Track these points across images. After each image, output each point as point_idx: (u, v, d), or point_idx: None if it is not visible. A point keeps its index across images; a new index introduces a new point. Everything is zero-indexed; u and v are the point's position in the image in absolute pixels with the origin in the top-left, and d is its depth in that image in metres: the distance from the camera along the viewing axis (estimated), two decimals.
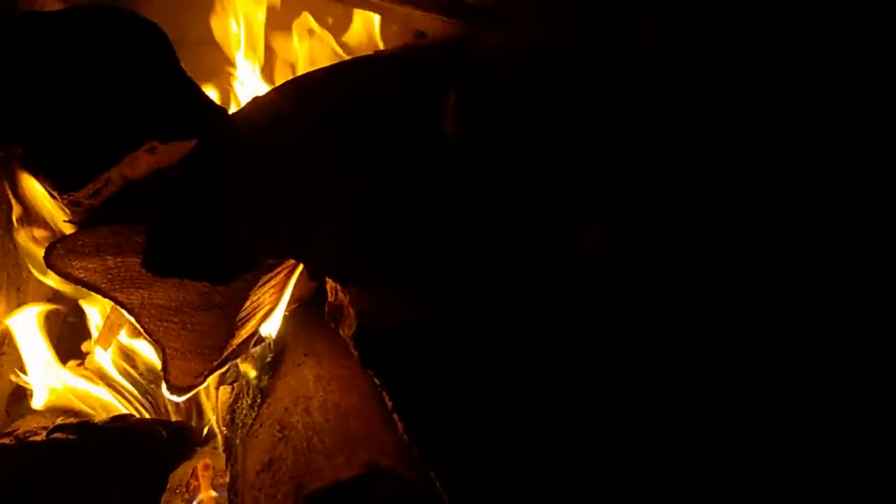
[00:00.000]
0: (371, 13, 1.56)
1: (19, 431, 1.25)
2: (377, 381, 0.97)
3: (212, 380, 1.19)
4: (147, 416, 1.35)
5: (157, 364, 1.23)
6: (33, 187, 1.28)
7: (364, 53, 1.52)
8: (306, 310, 1.23)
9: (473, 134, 1.15)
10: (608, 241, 1.00)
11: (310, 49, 1.56)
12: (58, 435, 1.19)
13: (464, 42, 1.36)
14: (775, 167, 1.03)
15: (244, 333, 1.15)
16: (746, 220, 1.01)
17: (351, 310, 1.05)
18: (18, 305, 1.43)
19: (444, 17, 1.38)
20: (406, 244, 1.07)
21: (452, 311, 1.03)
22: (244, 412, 1.15)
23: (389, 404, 0.95)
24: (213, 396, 1.28)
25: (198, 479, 1.28)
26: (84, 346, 1.44)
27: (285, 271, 1.16)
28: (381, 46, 1.58)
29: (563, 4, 1.25)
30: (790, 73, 1.06)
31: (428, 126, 1.17)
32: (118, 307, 1.16)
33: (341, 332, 1.06)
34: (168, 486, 1.17)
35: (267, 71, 1.59)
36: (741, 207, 1.02)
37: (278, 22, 1.60)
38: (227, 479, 1.15)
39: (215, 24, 1.55)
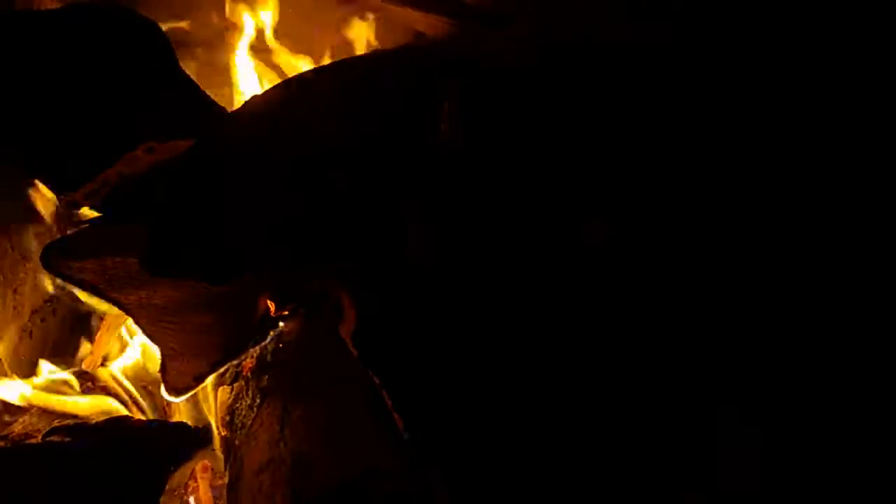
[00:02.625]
0: None
1: (15, 433, 1.24)
2: (376, 381, 0.97)
3: (210, 380, 1.19)
4: (145, 417, 1.34)
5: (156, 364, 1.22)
6: None
7: None
8: (307, 310, 1.22)
9: (472, 135, 1.15)
10: (609, 239, 1.00)
11: None
12: (54, 437, 1.18)
13: (463, 43, 1.36)
14: (776, 166, 1.03)
15: (243, 333, 1.14)
16: (748, 218, 1.01)
17: (351, 310, 1.05)
18: (15, 308, 1.42)
19: (444, 19, 1.38)
20: (406, 244, 1.07)
21: (451, 312, 1.02)
22: (243, 413, 1.15)
23: (388, 403, 0.94)
24: (211, 397, 1.27)
25: (196, 481, 1.27)
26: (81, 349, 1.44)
27: (284, 271, 1.15)
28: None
29: (563, 5, 1.25)
30: (791, 73, 1.06)
31: (427, 126, 1.17)
32: (116, 308, 1.16)
33: (341, 332, 1.06)
34: (167, 487, 1.16)
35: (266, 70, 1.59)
36: (742, 205, 1.02)
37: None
38: (226, 480, 1.15)
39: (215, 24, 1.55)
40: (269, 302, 1.17)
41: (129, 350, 1.41)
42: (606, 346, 0.97)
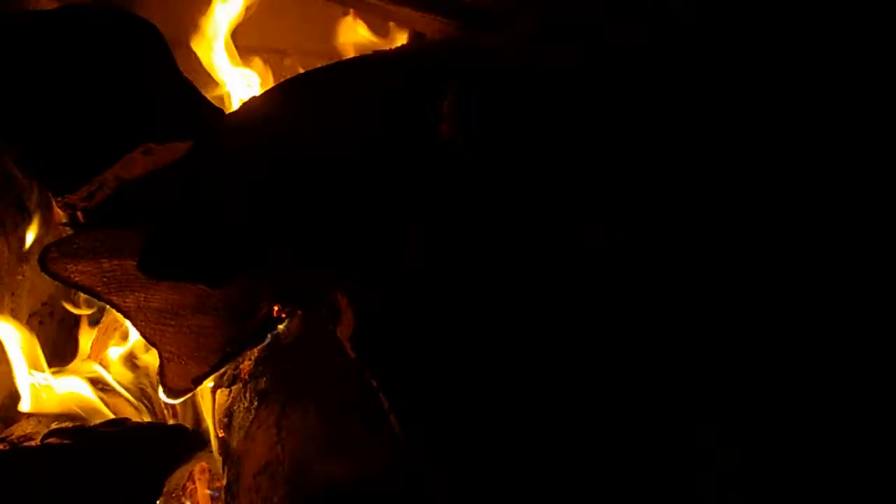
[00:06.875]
0: None
1: (13, 436, 1.24)
2: (373, 384, 0.97)
3: (209, 382, 1.19)
4: (143, 419, 1.34)
5: (154, 366, 1.22)
6: None
7: None
8: (305, 312, 1.22)
9: (472, 136, 1.15)
10: (609, 241, 1.00)
11: None
12: (52, 440, 1.18)
13: (462, 43, 1.36)
14: (776, 167, 1.03)
15: (241, 336, 1.14)
16: (748, 224, 1.01)
17: (348, 311, 1.05)
18: (13, 310, 1.41)
19: (443, 19, 1.38)
20: (406, 245, 1.07)
21: (451, 314, 1.02)
22: (241, 415, 1.15)
23: (385, 405, 0.94)
24: (210, 399, 1.27)
25: (194, 483, 1.27)
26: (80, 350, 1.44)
27: (283, 273, 1.15)
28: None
29: (562, 5, 1.25)
30: (791, 73, 1.06)
31: (426, 128, 1.16)
32: (114, 310, 1.16)
33: (338, 334, 1.06)
34: (164, 489, 1.17)
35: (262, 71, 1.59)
36: (743, 211, 1.01)
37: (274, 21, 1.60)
38: (224, 482, 1.15)
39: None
40: (267, 304, 1.17)
41: (126, 352, 1.41)
42: (604, 349, 0.97)
